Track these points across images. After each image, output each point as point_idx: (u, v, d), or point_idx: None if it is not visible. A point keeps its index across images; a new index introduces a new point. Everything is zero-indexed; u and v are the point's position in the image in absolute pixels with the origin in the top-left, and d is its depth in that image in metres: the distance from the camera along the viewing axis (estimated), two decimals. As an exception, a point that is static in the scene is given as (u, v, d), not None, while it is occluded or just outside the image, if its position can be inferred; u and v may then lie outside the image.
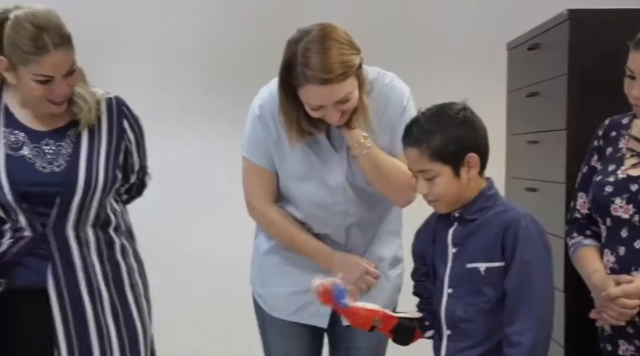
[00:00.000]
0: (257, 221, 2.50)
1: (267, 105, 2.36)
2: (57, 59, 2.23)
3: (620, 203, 2.20)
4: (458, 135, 2.04)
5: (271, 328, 2.51)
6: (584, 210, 2.37)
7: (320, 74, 2.13)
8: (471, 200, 2.09)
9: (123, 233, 2.46)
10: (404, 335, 2.19)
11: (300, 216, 2.41)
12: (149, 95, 3.86)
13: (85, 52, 2.36)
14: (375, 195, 2.39)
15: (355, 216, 2.39)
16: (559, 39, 2.85)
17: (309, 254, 2.41)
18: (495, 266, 2.04)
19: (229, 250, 3.87)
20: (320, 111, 2.22)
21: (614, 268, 2.23)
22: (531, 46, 3.13)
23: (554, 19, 2.90)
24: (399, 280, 2.53)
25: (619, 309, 2.16)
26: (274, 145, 2.37)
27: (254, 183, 2.43)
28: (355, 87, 2.21)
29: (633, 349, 2.23)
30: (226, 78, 4.18)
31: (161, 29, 4.19)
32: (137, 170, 2.53)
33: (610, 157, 2.31)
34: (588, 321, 2.63)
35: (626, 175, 2.22)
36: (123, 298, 2.40)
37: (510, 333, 2.01)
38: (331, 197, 2.36)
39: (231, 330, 3.87)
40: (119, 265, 2.41)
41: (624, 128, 2.33)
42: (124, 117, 2.45)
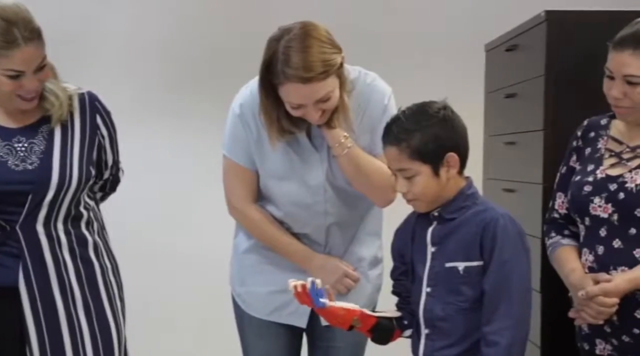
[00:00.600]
0: (237, 220, 2.49)
1: (247, 104, 2.35)
2: (27, 53, 2.20)
3: (599, 202, 2.22)
4: (438, 134, 2.04)
5: (249, 327, 2.51)
6: (562, 210, 2.38)
7: (301, 72, 2.12)
8: (450, 199, 2.10)
9: (96, 230, 2.44)
10: (383, 334, 2.19)
11: (280, 215, 2.40)
12: (120, 93, 3.83)
13: (54, 50, 2.34)
14: (355, 195, 2.39)
15: (335, 216, 2.39)
16: (537, 40, 2.86)
17: (288, 255, 2.41)
18: (474, 265, 2.05)
19: (208, 250, 3.87)
20: (300, 110, 2.21)
21: (592, 267, 2.24)
22: (509, 47, 3.14)
23: (532, 20, 2.91)
24: (379, 280, 2.53)
25: (597, 308, 2.17)
26: (255, 143, 2.36)
27: (234, 182, 2.42)
28: (336, 86, 2.21)
29: (610, 348, 2.24)
30: (199, 76, 4.17)
31: (131, 27, 4.18)
32: (111, 165, 2.51)
33: (589, 157, 2.32)
34: (565, 321, 2.65)
35: (605, 175, 2.24)
36: (96, 296, 2.38)
37: (488, 332, 2.02)
38: (311, 196, 2.36)
39: (211, 330, 3.86)
40: (92, 264, 2.39)
41: (602, 129, 2.34)
42: (96, 112, 2.43)
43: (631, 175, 2.19)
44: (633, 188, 2.16)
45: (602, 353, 2.27)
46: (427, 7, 4.17)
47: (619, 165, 2.24)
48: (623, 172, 2.21)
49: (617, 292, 2.15)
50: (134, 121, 3.58)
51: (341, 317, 2.13)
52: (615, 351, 2.23)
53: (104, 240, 2.47)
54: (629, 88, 2.17)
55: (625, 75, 2.17)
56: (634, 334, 2.18)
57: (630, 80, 2.16)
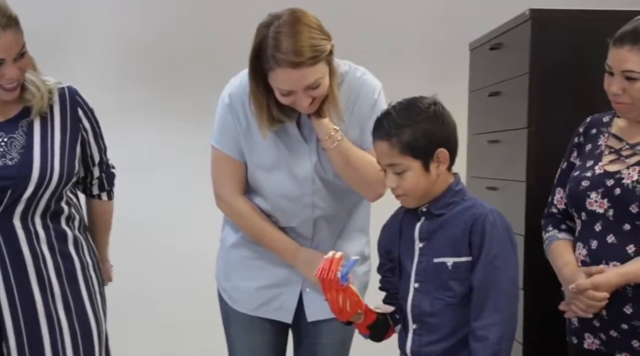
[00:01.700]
0: (225, 212, 2.48)
1: (237, 94, 2.35)
2: (6, 40, 2.18)
3: (596, 197, 2.23)
4: (429, 129, 2.04)
5: (235, 323, 2.50)
6: (560, 205, 2.39)
7: (291, 57, 2.12)
8: (439, 195, 2.10)
9: (77, 226, 2.42)
10: (380, 331, 2.19)
11: (268, 208, 2.40)
12: (104, 92, 3.82)
13: (37, 49, 2.33)
14: (343, 189, 2.39)
15: (323, 209, 2.38)
16: (521, 38, 2.87)
17: (275, 248, 2.40)
18: (463, 261, 2.05)
19: (195, 248, 3.87)
20: (290, 97, 2.20)
21: (585, 261, 2.25)
22: (493, 46, 3.15)
23: (516, 18, 2.92)
24: (366, 277, 2.52)
25: (587, 301, 2.18)
26: (244, 134, 2.35)
27: (223, 173, 2.41)
28: (326, 74, 2.21)
29: (598, 343, 2.25)
30: (184, 75, 4.16)
31: (116, 26, 4.16)
32: (99, 162, 2.49)
33: (589, 153, 2.34)
34: (547, 318, 2.66)
35: (603, 171, 2.25)
36: (76, 291, 2.36)
37: (477, 327, 2.02)
38: (299, 188, 2.35)
39: (198, 327, 3.84)
40: (72, 259, 2.37)
41: (604, 125, 2.36)
42: (77, 106, 2.41)
43: (628, 172, 2.20)
44: (629, 185, 2.18)
45: (590, 348, 2.28)
46: (411, 5, 4.18)
47: (617, 161, 2.25)
48: (621, 169, 2.23)
49: (608, 286, 2.16)
50: (118, 120, 3.57)
51: (353, 303, 2.08)
52: (603, 346, 2.24)
53: (85, 235, 2.46)
54: (628, 84, 2.18)
55: (624, 71, 2.18)
56: (622, 329, 2.19)
57: (629, 76, 2.17)
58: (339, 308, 2.09)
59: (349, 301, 2.08)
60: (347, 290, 2.06)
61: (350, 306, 2.09)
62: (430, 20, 4.17)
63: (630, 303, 2.17)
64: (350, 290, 2.07)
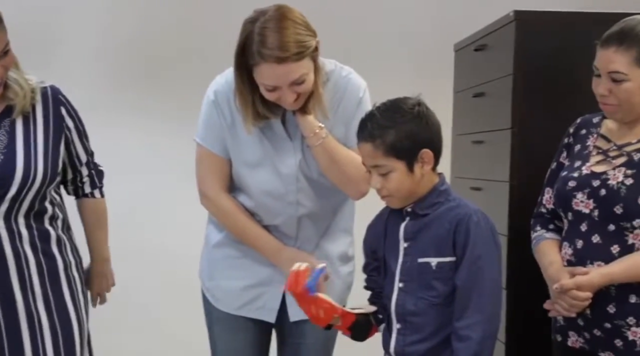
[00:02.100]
0: (208, 210, 2.47)
1: (222, 91, 2.35)
2: None
3: (582, 198, 2.25)
4: (412, 130, 2.05)
5: (218, 322, 2.49)
6: (549, 205, 2.41)
7: (277, 52, 2.13)
8: (423, 195, 2.11)
9: (60, 225, 2.41)
10: (361, 331, 2.20)
11: (252, 205, 2.40)
12: (87, 92, 3.80)
13: (21, 49, 2.32)
14: (328, 188, 2.39)
15: (307, 207, 2.38)
16: (505, 40, 2.88)
17: (258, 246, 2.40)
18: (447, 261, 2.06)
19: (179, 248, 3.85)
20: (275, 93, 2.21)
21: (570, 261, 2.27)
22: (478, 47, 3.17)
23: (500, 20, 2.93)
24: (350, 277, 2.52)
25: (570, 301, 2.20)
26: (229, 130, 2.35)
27: (207, 170, 2.41)
28: (311, 70, 2.21)
29: (582, 341, 2.27)
30: (167, 75, 4.16)
31: (100, 26, 4.15)
32: (86, 162, 2.49)
33: (577, 154, 2.35)
34: (530, 318, 2.68)
35: (590, 172, 2.27)
36: (58, 291, 2.35)
37: (460, 327, 2.03)
38: (283, 185, 2.36)
39: (182, 327, 3.83)
40: (54, 258, 2.36)
41: (594, 126, 2.37)
42: (60, 105, 2.40)
43: (614, 173, 2.22)
44: (614, 185, 2.19)
45: (574, 345, 2.30)
46: (396, 6, 4.19)
47: (604, 162, 2.27)
48: (607, 169, 2.24)
49: (591, 286, 2.18)
50: (102, 120, 3.55)
51: (326, 311, 2.11)
52: (587, 345, 2.26)
53: (68, 235, 2.45)
54: (614, 85, 2.20)
55: (609, 72, 2.19)
56: (605, 328, 2.21)
57: (615, 77, 2.19)
58: (313, 316, 2.12)
59: (322, 310, 2.10)
60: (317, 300, 2.09)
61: (324, 313, 2.11)
62: (416, 21, 4.18)
63: (613, 302, 2.19)
64: (320, 299, 2.09)
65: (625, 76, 2.17)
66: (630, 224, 2.17)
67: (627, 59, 2.17)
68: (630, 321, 2.17)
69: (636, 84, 2.18)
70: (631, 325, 2.17)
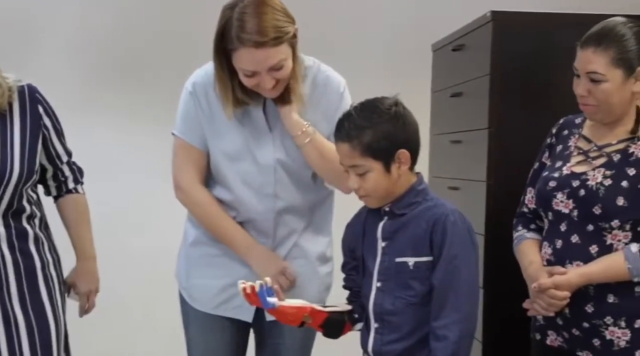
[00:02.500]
0: (182, 201, 2.45)
1: (200, 82, 2.37)
2: None
3: (562, 198, 2.26)
4: (389, 131, 2.05)
5: (194, 322, 2.48)
6: (531, 205, 2.42)
7: (255, 36, 2.15)
8: (401, 195, 2.11)
9: (37, 223, 2.40)
10: (334, 328, 2.20)
11: (229, 199, 2.39)
12: (61, 91, 3.77)
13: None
14: (307, 182, 2.39)
15: (285, 200, 2.38)
16: (482, 40, 2.90)
17: (229, 238, 2.38)
18: (424, 260, 2.07)
19: (156, 248, 3.84)
20: (254, 79, 2.22)
21: (550, 260, 2.28)
22: (455, 47, 3.18)
23: (478, 20, 2.95)
24: (329, 278, 2.51)
25: (548, 300, 2.21)
26: (207, 120, 2.36)
27: (183, 162, 2.40)
28: (289, 56, 2.23)
29: (561, 340, 2.28)
30: (142, 74, 4.14)
31: (73, 24, 4.12)
32: (67, 161, 2.48)
33: (559, 154, 2.37)
34: (507, 317, 2.69)
35: (570, 172, 2.28)
36: (35, 290, 2.34)
37: (437, 327, 2.04)
38: (261, 176, 2.35)
39: (161, 327, 3.82)
40: (32, 257, 2.35)
41: (576, 127, 2.39)
42: (38, 103, 2.39)
43: (593, 173, 2.23)
44: (593, 186, 2.21)
45: (553, 344, 2.31)
46: (374, 5, 4.19)
47: (584, 162, 2.28)
48: (587, 170, 2.25)
49: (569, 286, 2.19)
50: (76, 118, 3.52)
51: (292, 315, 2.14)
52: (565, 344, 2.27)
53: (46, 233, 2.44)
54: (593, 86, 2.21)
55: (588, 72, 2.21)
56: (583, 328, 2.22)
57: (593, 78, 2.20)
58: (283, 320, 2.16)
59: (288, 316, 2.13)
60: (277, 311, 2.12)
61: (292, 317, 2.14)
62: (394, 21, 4.18)
63: (591, 302, 2.21)
64: (282, 309, 2.11)
65: (603, 76, 2.19)
66: (608, 225, 2.18)
67: (605, 59, 2.18)
68: (608, 321, 2.19)
69: (614, 84, 2.19)
70: (609, 325, 2.19)
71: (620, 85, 2.19)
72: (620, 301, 2.18)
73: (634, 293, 2.18)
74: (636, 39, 2.20)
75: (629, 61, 2.18)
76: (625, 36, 2.19)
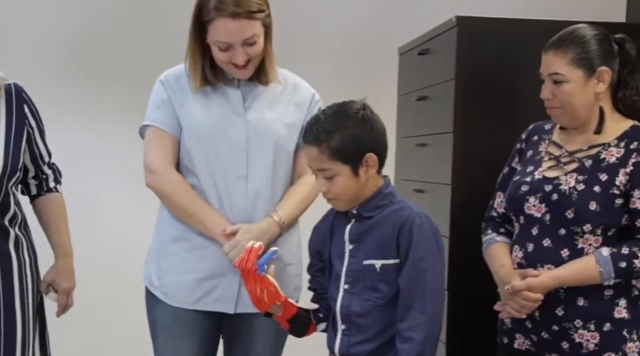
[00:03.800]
0: (155, 185, 2.42)
1: (172, 73, 2.46)
2: None
3: (534, 202, 2.29)
4: (357, 135, 2.07)
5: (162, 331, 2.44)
6: (500, 209, 2.45)
7: (233, 7, 2.26)
8: (368, 198, 2.13)
9: (18, 223, 2.40)
10: (300, 326, 2.21)
11: (201, 187, 2.39)
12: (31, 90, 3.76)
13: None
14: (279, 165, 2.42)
15: (257, 183, 2.38)
16: (447, 45, 2.93)
17: (203, 221, 2.36)
18: (390, 263, 2.08)
19: (124, 248, 3.83)
20: (228, 53, 2.31)
21: (521, 264, 2.31)
22: (421, 51, 3.21)
23: (443, 25, 2.98)
24: (298, 279, 2.51)
25: (521, 302, 2.25)
26: (178, 103, 2.41)
27: (155, 147, 2.42)
28: (262, 35, 2.33)
29: (529, 343, 2.31)
30: (112, 73, 4.11)
31: (44, 24, 4.09)
32: (47, 162, 2.50)
33: (530, 159, 2.40)
34: (471, 319, 2.72)
35: (542, 176, 2.31)
36: (9, 289, 2.34)
37: (403, 328, 2.06)
38: (233, 156, 2.37)
39: (126, 328, 3.80)
40: (9, 257, 2.35)
41: (545, 133, 2.42)
42: (24, 103, 2.41)
43: (566, 178, 2.27)
44: (566, 191, 2.24)
45: (520, 348, 2.34)
46: (341, 8, 4.20)
47: (556, 168, 2.31)
48: (559, 175, 2.29)
49: (541, 288, 2.23)
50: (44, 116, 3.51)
51: (269, 294, 2.11)
52: (533, 347, 2.30)
53: (25, 232, 2.44)
54: (556, 88, 2.26)
55: (550, 74, 2.26)
56: (553, 331, 2.25)
57: (555, 79, 2.25)
58: (257, 298, 2.13)
59: (266, 292, 2.11)
60: (264, 280, 2.10)
61: (267, 297, 2.12)
62: (361, 24, 4.19)
63: (562, 305, 2.24)
64: (267, 280, 2.10)
65: (563, 77, 2.23)
66: (580, 229, 2.22)
67: (564, 60, 2.23)
68: (578, 324, 2.22)
69: (576, 85, 2.24)
70: (578, 328, 2.22)
71: (582, 86, 2.24)
72: (590, 304, 2.22)
73: (603, 296, 2.21)
74: (596, 41, 2.25)
75: (589, 61, 2.23)
76: (585, 38, 2.25)
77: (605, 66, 2.24)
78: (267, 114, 2.41)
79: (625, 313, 2.21)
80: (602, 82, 2.24)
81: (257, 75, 2.41)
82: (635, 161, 2.21)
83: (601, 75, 2.24)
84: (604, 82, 2.25)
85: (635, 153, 2.21)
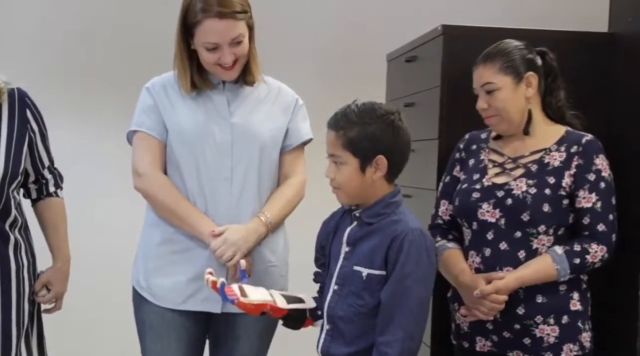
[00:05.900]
0: (143, 188, 2.45)
1: (158, 81, 2.50)
2: None
3: (487, 208, 2.37)
4: (376, 134, 2.10)
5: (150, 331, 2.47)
6: (446, 217, 2.54)
7: (218, 7, 2.31)
8: (372, 204, 2.15)
9: (18, 227, 2.43)
10: (294, 323, 2.26)
11: (188, 190, 2.42)
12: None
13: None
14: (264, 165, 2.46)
15: (241, 184, 2.42)
16: (434, 52, 2.97)
17: (191, 222, 2.39)
18: (376, 274, 2.09)
19: (111, 249, 3.86)
20: (215, 53, 2.35)
21: (479, 268, 2.40)
22: (408, 58, 3.25)
23: (430, 33, 3.02)
24: (283, 281, 2.54)
25: (490, 304, 2.33)
26: (164, 108, 2.45)
27: (142, 151, 2.46)
28: (247, 36, 2.39)
29: (490, 344, 2.39)
30: (100, 74, 4.16)
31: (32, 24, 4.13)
32: (48, 166, 2.52)
33: (473, 168, 2.48)
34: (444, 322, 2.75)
35: (492, 183, 2.41)
36: (7, 292, 2.37)
37: (380, 342, 2.05)
38: (218, 157, 2.41)
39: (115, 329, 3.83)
40: (8, 261, 2.39)
41: (483, 142, 2.53)
42: (26, 107, 2.43)
43: (516, 183, 2.37)
44: (519, 195, 2.34)
45: (482, 350, 2.41)
46: (331, 15, 4.24)
47: (502, 174, 2.41)
48: (508, 180, 2.38)
49: (507, 290, 2.32)
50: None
51: (251, 310, 2.16)
52: (495, 347, 2.38)
53: (25, 235, 2.47)
54: (489, 97, 2.39)
55: (482, 85, 2.39)
56: (514, 329, 2.34)
57: (487, 89, 2.38)
58: (247, 309, 2.18)
59: (248, 310, 2.17)
60: (240, 306, 2.15)
61: (252, 310, 2.16)
62: (351, 30, 4.22)
63: (522, 303, 2.34)
64: (242, 304, 2.14)
65: (495, 85, 2.37)
66: (535, 230, 2.32)
67: (493, 70, 2.37)
68: (538, 320, 2.33)
69: (507, 91, 2.37)
70: (539, 323, 2.33)
71: (512, 91, 2.37)
72: (548, 300, 2.33)
73: (559, 291, 2.34)
74: (519, 51, 2.40)
75: (516, 68, 2.37)
76: (508, 49, 2.39)
77: (531, 71, 2.37)
78: (252, 117, 2.45)
79: (579, 305, 2.35)
80: (531, 87, 2.38)
81: (243, 75, 2.45)
82: (577, 164, 2.34)
83: (529, 80, 2.38)
84: (532, 87, 2.38)
85: (576, 156, 2.34)
